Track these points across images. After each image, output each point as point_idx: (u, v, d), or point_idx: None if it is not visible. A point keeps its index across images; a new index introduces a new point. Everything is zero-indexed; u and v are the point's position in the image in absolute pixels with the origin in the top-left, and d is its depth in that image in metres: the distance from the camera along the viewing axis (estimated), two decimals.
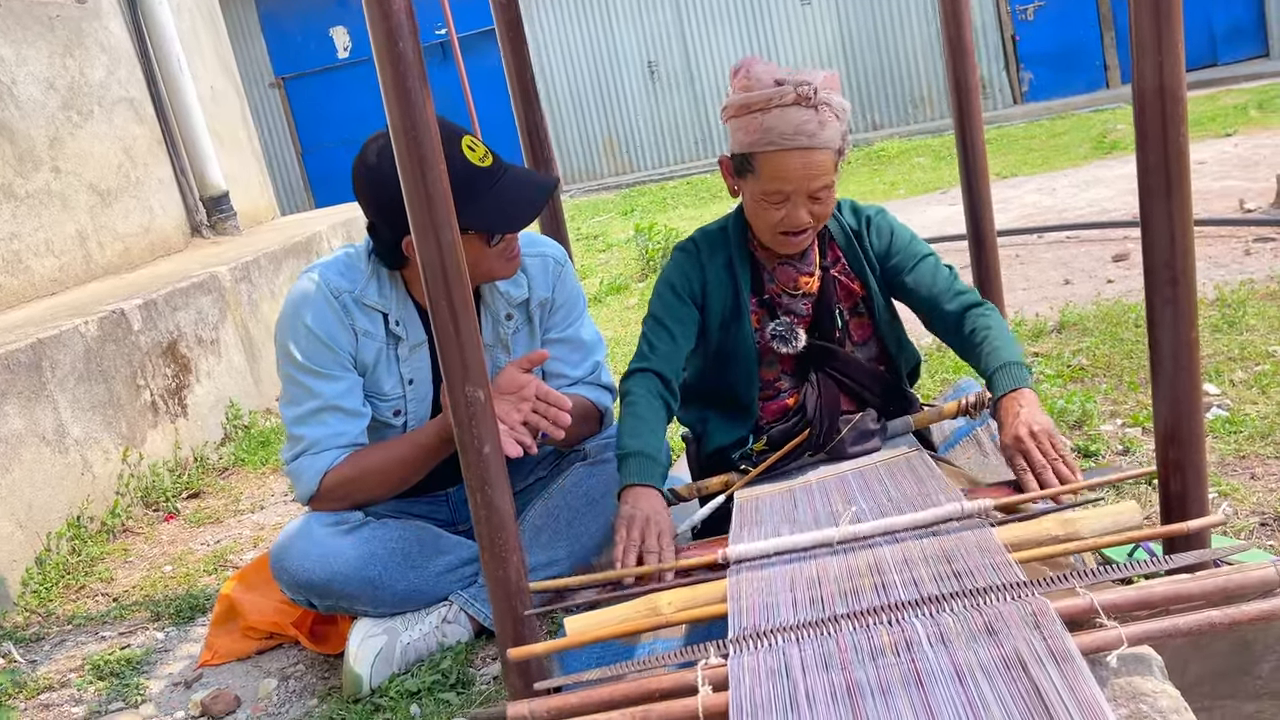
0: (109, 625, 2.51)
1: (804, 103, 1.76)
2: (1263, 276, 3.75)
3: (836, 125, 1.80)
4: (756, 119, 1.79)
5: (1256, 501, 2.05)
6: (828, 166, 1.81)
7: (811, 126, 1.77)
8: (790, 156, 1.79)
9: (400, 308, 2.04)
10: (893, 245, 2.03)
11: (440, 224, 1.39)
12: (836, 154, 1.83)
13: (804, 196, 1.82)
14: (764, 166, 1.83)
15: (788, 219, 1.84)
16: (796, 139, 1.77)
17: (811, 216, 1.85)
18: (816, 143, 1.78)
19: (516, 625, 1.50)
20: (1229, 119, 7.82)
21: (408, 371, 2.07)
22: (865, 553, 1.46)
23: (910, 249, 2.04)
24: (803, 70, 1.82)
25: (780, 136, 1.78)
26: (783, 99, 1.76)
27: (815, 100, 1.76)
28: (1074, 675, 1.05)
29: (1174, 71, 1.33)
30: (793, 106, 1.77)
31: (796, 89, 1.76)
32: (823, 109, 1.77)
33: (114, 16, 5.12)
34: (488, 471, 1.45)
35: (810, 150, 1.78)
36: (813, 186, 1.81)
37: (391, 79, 1.34)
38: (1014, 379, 1.77)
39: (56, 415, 3.05)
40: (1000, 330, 1.87)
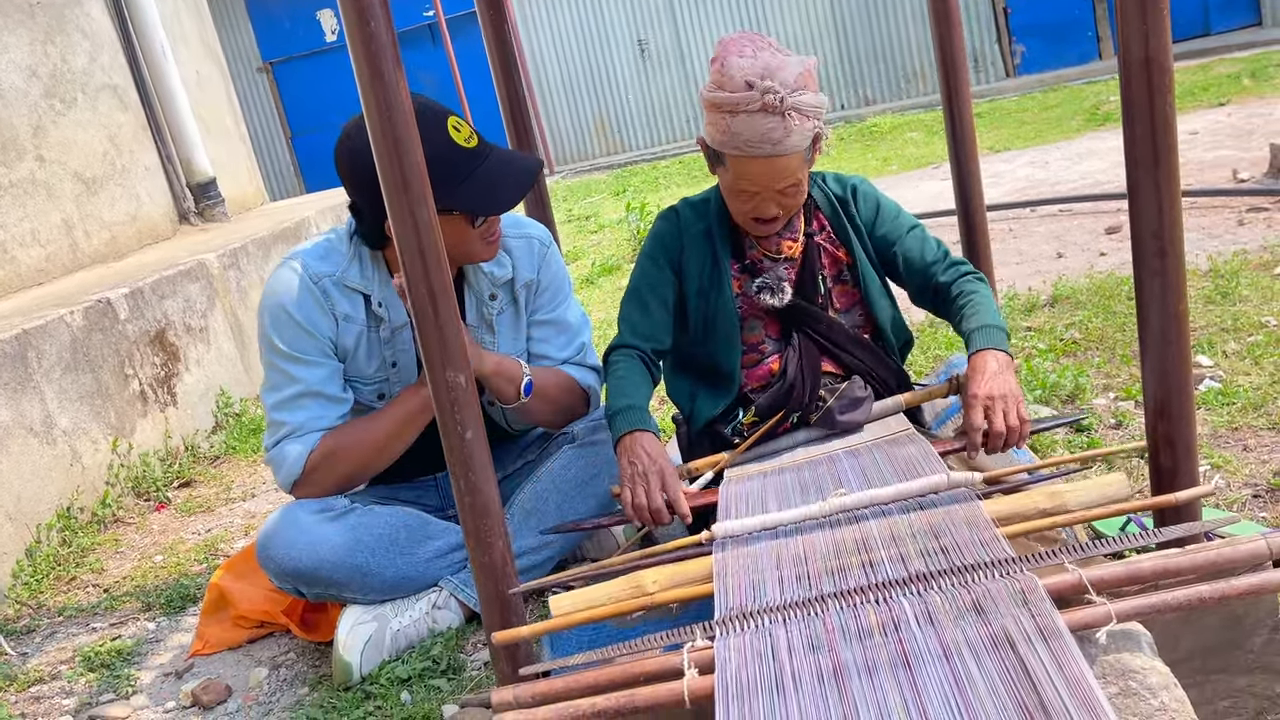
0: (100, 616, 2.50)
1: (770, 110, 1.73)
2: (1256, 247, 3.73)
3: (806, 126, 1.77)
4: (725, 120, 1.78)
5: (1249, 473, 2.04)
6: (794, 168, 1.80)
7: (777, 134, 1.75)
8: (756, 163, 1.79)
9: (382, 289, 2.03)
10: (880, 215, 2.03)
11: (417, 205, 1.37)
12: (808, 151, 1.81)
13: (772, 193, 1.82)
14: (731, 165, 1.84)
15: (755, 209, 1.87)
16: (761, 147, 1.76)
17: (780, 208, 1.86)
18: (781, 150, 1.76)
19: (503, 609, 1.49)
20: (1222, 88, 7.78)
21: (390, 354, 2.06)
22: (852, 527, 1.45)
23: (898, 220, 2.04)
24: (778, 63, 1.76)
25: (745, 144, 1.77)
26: (749, 105, 1.74)
27: (783, 108, 1.73)
28: (1062, 653, 1.04)
29: (1160, 41, 1.30)
30: (759, 114, 1.74)
31: (764, 96, 1.72)
32: (790, 115, 1.74)
33: (95, 2, 5.06)
34: (471, 457, 1.44)
35: (775, 158, 1.77)
36: (776, 187, 1.82)
37: (364, 60, 1.32)
38: (990, 339, 1.77)
39: (44, 406, 3.02)
40: (985, 297, 1.87)
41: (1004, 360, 1.75)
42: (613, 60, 12.86)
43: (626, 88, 12.89)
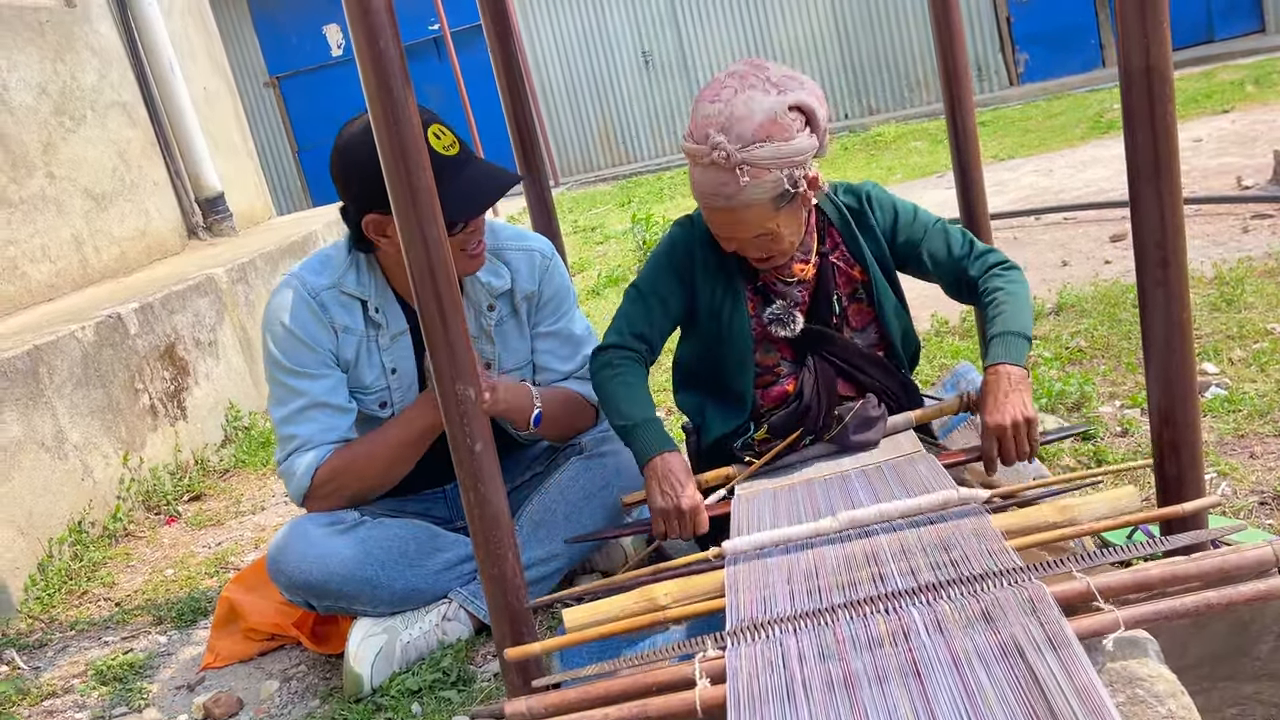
0: (111, 630, 2.51)
1: (720, 166, 1.73)
2: (1260, 254, 3.73)
3: (765, 179, 1.73)
4: (690, 168, 1.80)
5: (1255, 480, 2.04)
6: (756, 219, 1.79)
7: (730, 189, 1.74)
8: (715, 213, 1.81)
9: (379, 295, 2.05)
10: (899, 219, 2.01)
11: (426, 222, 1.38)
12: (777, 200, 1.78)
13: (746, 240, 1.83)
14: (703, 213, 1.87)
15: (739, 251, 1.89)
16: (715, 200, 1.77)
17: (763, 250, 1.86)
18: (736, 203, 1.76)
19: (514, 623, 1.50)
20: (1226, 95, 7.79)
21: (389, 360, 2.08)
22: (862, 542, 1.45)
23: (918, 220, 2.02)
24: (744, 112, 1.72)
25: (703, 194, 1.79)
26: (702, 159, 1.74)
27: (730, 164, 1.72)
28: (1071, 661, 1.04)
29: (1160, 50, 1.32)
30: (710, 167, 1.74)
31: (712, 152, 1.72)
32: (744, 170, 1.72)
33: (104, 19, 5.11)
34: (480, 470, 1.45)
35: (731, 209, 1.77)
36: (744, 235, 1.82)
37: (374, 77, 1.34)
38: (1006, 352, 1.77)
39: (55, 421, 3.04)
40: (1010, 294, 1.86)
41: (1017, 377, 1.74)
42: (617, 71, 12.91)
43: (631, 98, 12.93)
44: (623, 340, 1.97)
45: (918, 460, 1.78)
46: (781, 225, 1.84)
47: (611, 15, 12.74)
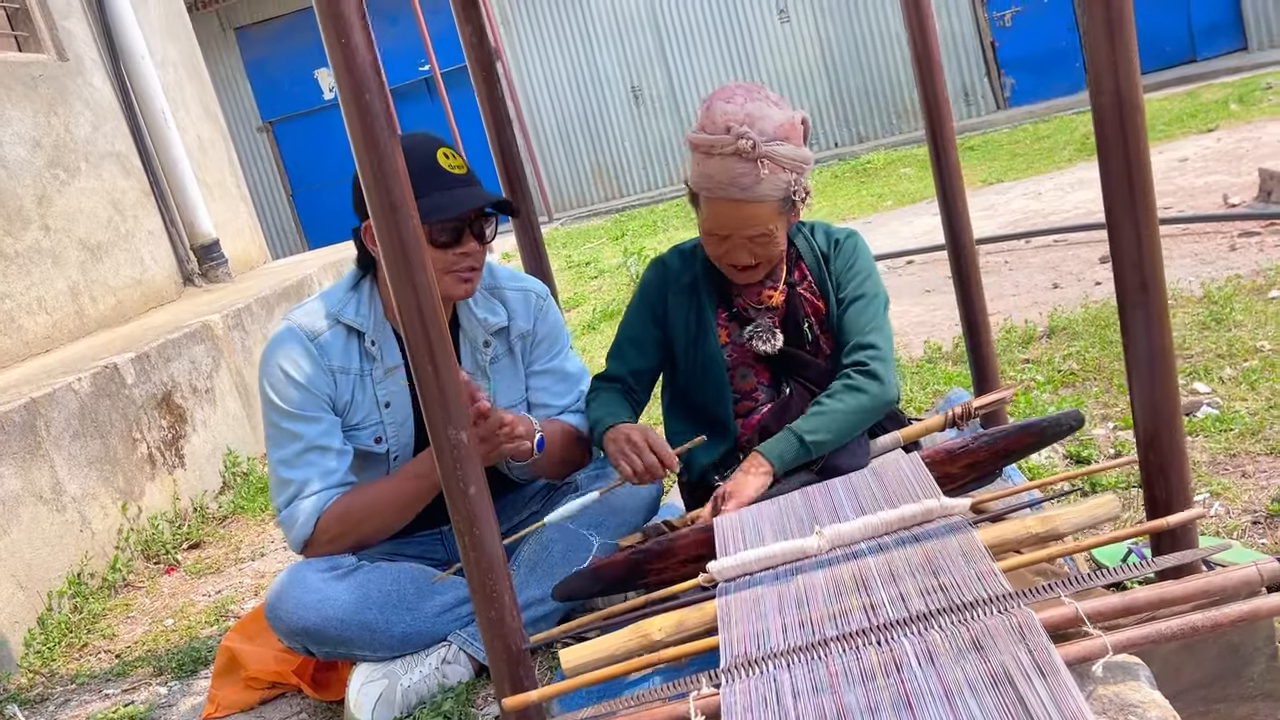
0: (112, 682, 2.51)
1: (743, 155, 1.78)
2: (1248, 271, 3.76)
3: (780, 177, 1.80)
4: (701, 161, 1.83)
5: (1248, 500, 2.05)
6: (764, 217, 1.83)
7: (748, 180, 1.79)
8: (725, 205, 1.83)
9: (377, 328, 2.08)
10: (849, 273, 2.06)
11: (416, 271, 1.40)
12: (783, 203, 1.84)
13: (743, 239, 1.86)
14: (705, 207, 1.90)
15: (728, 255, 1.91)
16: (730, 190, 1.81)
17: (753, 256, 1.90)
18: (751, 196, 1.80)
19: (512, 667, 1.51)
20: (1210, 114, 7.86)
21: (384, 394, 2.09)
22: (851, 564, 1.46)
23: (865, 285, 2.05)
24: (761, 112, 1.80)
25: (717, 185, 1.82)
26: (723, 148, 1.79)
27: (755, 154, 1.77)
28: (1059, 689, 1.05)
29: (1130, 84, 1.34)
30: (732, 157, 1.79)
31: (737, 140, 1.77)
32: (764, 162, 1.78)
33: (97, 72, 5.17)
34: (475, 513, 1.46)
35: (744, 203, 1.81)
36: (748, 234, 1.85)
37: (360, 131, 1.36)
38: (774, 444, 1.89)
39: (53, 474, 3.05)
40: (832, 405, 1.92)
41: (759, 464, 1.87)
42: (607, 107, 13.02)
43: (622, 133, 13.03)
44: (604, 375, 2.12)
45: (901, 460, 1.80)
46: (777, 231, 1.90)
47: (601, 52, 12.87)
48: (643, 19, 12.67)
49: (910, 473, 1.73)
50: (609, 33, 12.82)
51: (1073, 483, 2.36)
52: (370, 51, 1.37)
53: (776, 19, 12.25)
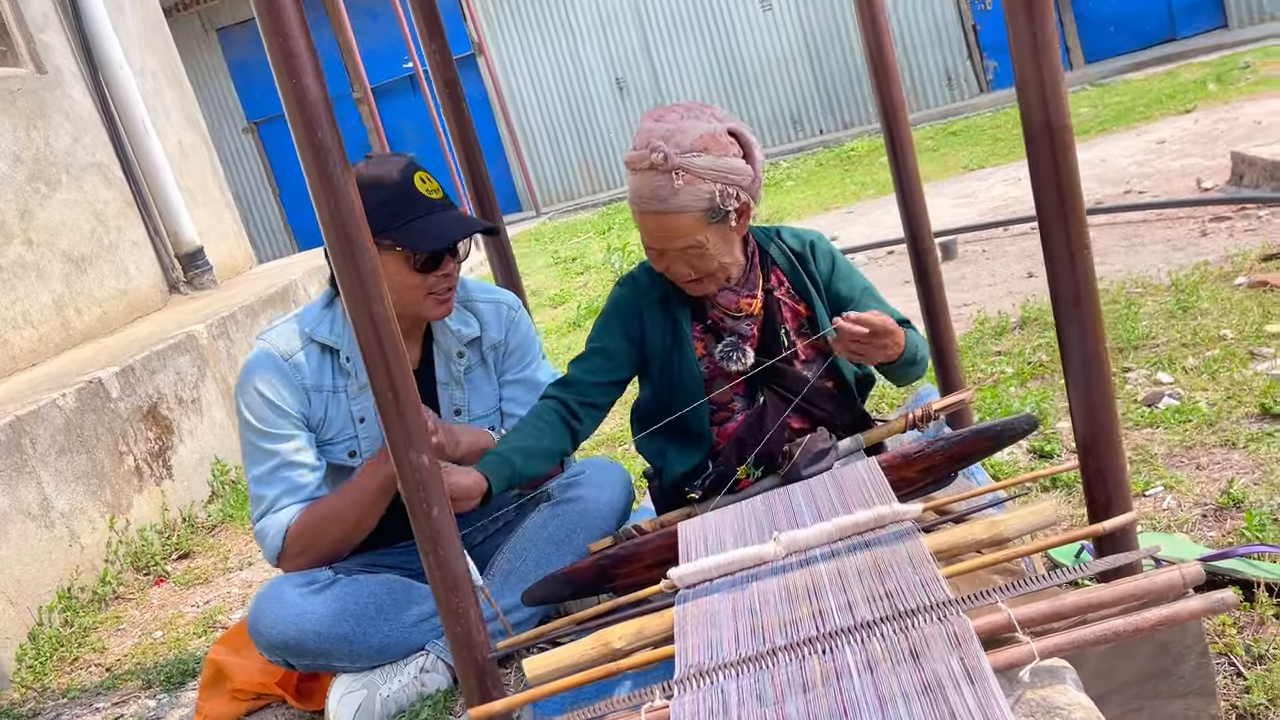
0: (102, 696, 2.56)
1: (658, 168, 1.83)
2: (1217, 257, 3.82)
3: (701, 188, 1.83)
4: (629, 178, 1.89)
5: (1199, 493, 2.11)
6: (688, 228, 1.87)
7: (664, 193, 1.83)
8: (649, 219, 1.89)
9: (351, 345, 2.13)
10: (836, 271, 2.11)
11: (374, 302, 1.45)
12: (709, 214, 1.87)
13: (677, 252, 1.90)
14: (637, 222, 1.94)
15: (668, 269, 1.96)
16: (651, 204, 1.86)
17: (692, 269, 1.93)
18: (669, 207, 1.85)
19: (480, 678, 1.56)
20: (1189, 95, 7.91)
21: (358, 409, 2.14)
22: (803, 572, 1.51)
23: (852, 280, 2.12)
24: (684, 128, 1.85)
25: (640, 200, 1.87)
26: (640, 163, 1.84)
27: (668, 166, 1.82)
28: (986, 696, 1.10)
29: (1058, 106, 1.39)
30: (649, 171, 1.84)
31: (650, 155, 1.82)
32: (679, 174, 1.82)
33: (76, 84, 5.19)
34: (438, 533, 1.51)
35: (664, 214, 1.86)
36: (675, 246, 1.90)
37: (315, 169, 1.40)
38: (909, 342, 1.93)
39: (40, 490, 3.10)
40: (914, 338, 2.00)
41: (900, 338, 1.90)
42: (592, 100, 13.04)
43: (607, 126, 13.06)
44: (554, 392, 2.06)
45: (859, 466, 1.85)
46: (710, 242, 1.92)
47: (584, 44, 12.88)
48: (625, 10, 12.67)
49: (867, 478, 1.79)
50: (592, 24, 12.82)
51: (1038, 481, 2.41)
52: (322, 89, 1.42)
53: (759, 7, 12.26)
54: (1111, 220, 4.92)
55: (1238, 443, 2.26)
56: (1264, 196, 4.36)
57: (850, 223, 6.84)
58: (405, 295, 2.05)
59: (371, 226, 1.95)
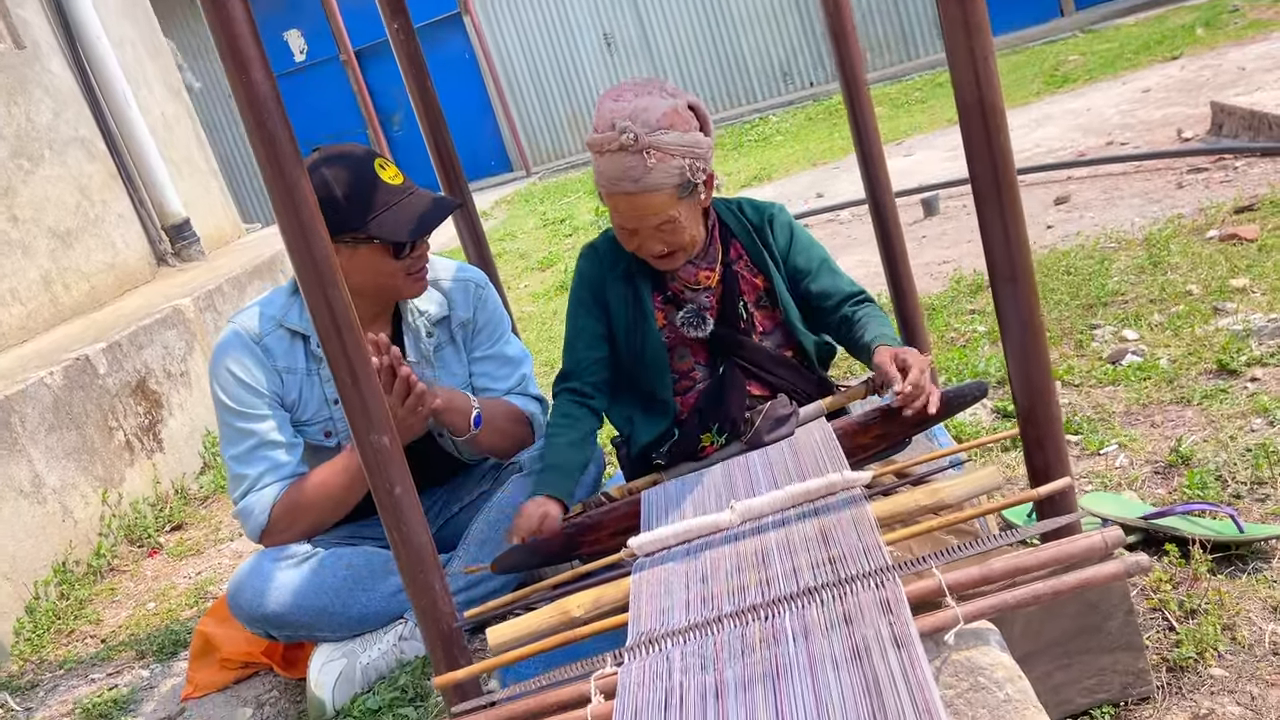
0: (98, 667, 2.64)
1: (628, 149, 1.84)
2: (1191, 210, 3.84)
3: (672, 164, 1.87)
4: (596, 160, 1.91)
5: (1151, 450, 2.16)
6: (662, 205, 1.90)
7: (636, 172, 1.86)
8: (622, 200, 1.91)
9: None
10: (794, 245, 2.15)
11: (329, 288, 1.49)
12: (680, 189, 1.91)
13: (650, 229, 1.93)
14: (608, 204, 1.97)
15: (640, 247, 1.99)
16: (623, 184, 1.88)
17: (665, 245, 1.97)
18: (643, 186, 1.87)
19: (447, 647, 1.63)
20: (1176, 41, 7.87)
21: (331, 391, 2.20)
22: (754, 540, 1.57)
23: (811, 252, 2.16)
24: (646, 105, 1.87)
25: (611, 181, 1.89)
26: (609, 145, 1.85)
27: (639, 145, 1.84)
28: (910, 660, 1.16)
29: (989, 84, 1.42)
30: (619, 153, 1.85)
31: (620, 135, 1.84)
32: (650, 153, 1.84)
33: (54, 57, 5.18)
34: (401, 511, 1.56)
35: (638, 194, 1.88)
36: (650, 223, 1.92)
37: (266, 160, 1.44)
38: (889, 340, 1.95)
39: (31, 468, 3.16)
40: (879, 316, 2.03)
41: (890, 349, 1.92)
42: (579, 56, 12.94)
43: (595, 82, 12.97)
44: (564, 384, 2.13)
45: (815, 431, 1.91)
46: (682, 216, 1.96)
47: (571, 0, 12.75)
48: None
49: (822, 445, 1.85)
50: None
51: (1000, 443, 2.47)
52: (269, 80, 1.45)
53: None
54: (1093, 173, 4.93)
55: (1192, 399, 2.31)
56: (1239, 147, 4.38)
57: (836, 178, 6.85)
58: (384, 281, 2.10)
59: (345, 223, 2.01)
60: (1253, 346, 2.47)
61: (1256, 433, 2.09)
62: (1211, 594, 1.61)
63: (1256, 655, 1.50)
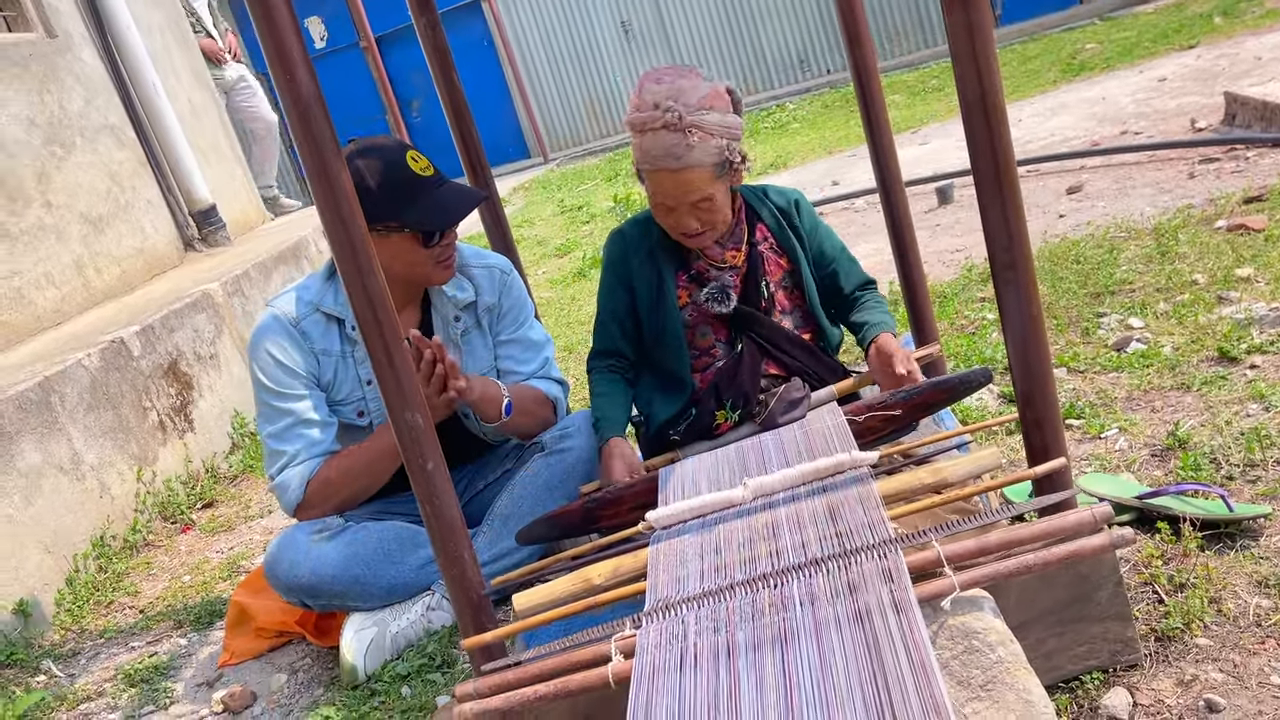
0: (137, 636, 2.76)
1: (672, 127, 1.95)
2: (1201, 200, 3.89)
3: (712, 144, 1.98)
4: (637, 139, 2.01)
5: (1150, 434, 2.24)
6: (702, 183, 2.01)
7: (679, 150, 1.96)
8: (664, 176, 2.00)
9: None
10: (819, 231, 2.29)
11: (367, 276, 1.59)
12: (718, 168, 2.02)
13: (688, 206, 2.03)
14: (648, 181, 2.07)
15: (677, 224, 2.08)
16: (666, 161, 1.98)
17: (700, 223, 2.07)
18: (684, 164, 1.97)
19: (476, 615, 1.73)
20: (1194, 29, 7.87)
21: (365, 373, 2.30)
22: (766, 514, 1.66)
23: (833, 240, 2.29)
24: (687, 86, 1.99)
25: (653, 159, 1.99)
26: (654, 123, 1.96)
27: (683, 124, 1.95)
28: (909, 623, 1.25)
29: (991, 81, 1.50)
30: (663, 130, 1.96)
31: (664, 114, 1.94)
32: (693, 132, 1.95)
33: (86, 46, 5.29)
34: (434, 485, 1.66)
35: (680, 171, 1.98)
36: (689, 200, 2.02)
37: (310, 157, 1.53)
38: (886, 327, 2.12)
39: (70, 446, 3.28)
40: (880, 305, 2.18)
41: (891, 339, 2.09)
42: (597, 43, 12.99)
43: (613, 69, 13.03)
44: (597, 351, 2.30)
45: (826, 415, 2.01)
46: (718, 195, 2.08)
47: None
48: None
49: (832, 427, 1.94)
50: None
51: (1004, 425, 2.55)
52: (312, 80, 1.54)
53: None
54: (1106, 162, 4.98)
55: (1192, 386, 2.38)
56: (1251, 137, 4.42)
57: (853, 166, 6.90)
58: (415, 269, 2.21)
59: (379, 214, 2.12)
60: (1254, 335, 2.54)
61: (1252, 417, 2.16)
62: (1200, 569, 1.69)
63: (1240, 626, 1.59)
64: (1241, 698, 1.46)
